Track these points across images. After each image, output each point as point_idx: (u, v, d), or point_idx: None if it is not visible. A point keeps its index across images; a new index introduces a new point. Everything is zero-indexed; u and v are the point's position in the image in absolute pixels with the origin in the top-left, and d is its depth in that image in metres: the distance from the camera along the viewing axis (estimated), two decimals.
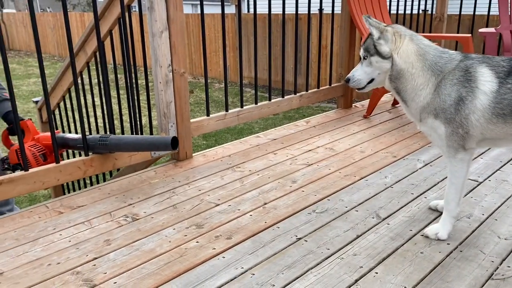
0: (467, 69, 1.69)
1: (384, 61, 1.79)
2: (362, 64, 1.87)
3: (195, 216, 2.15)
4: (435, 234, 1.89)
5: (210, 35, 10.14)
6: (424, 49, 1.76)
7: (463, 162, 1.79)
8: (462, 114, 1.68)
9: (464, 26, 5.25)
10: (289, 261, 1.77)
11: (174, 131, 2.76)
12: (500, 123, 1.66)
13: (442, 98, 1.71)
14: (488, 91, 1.65)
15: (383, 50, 1.78)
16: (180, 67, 2.70)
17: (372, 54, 1.81)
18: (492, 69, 1.67)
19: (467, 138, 1.72)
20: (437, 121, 1.75)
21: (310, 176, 2.57)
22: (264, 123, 6.89)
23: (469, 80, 1.67)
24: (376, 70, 1.83)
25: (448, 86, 1.70)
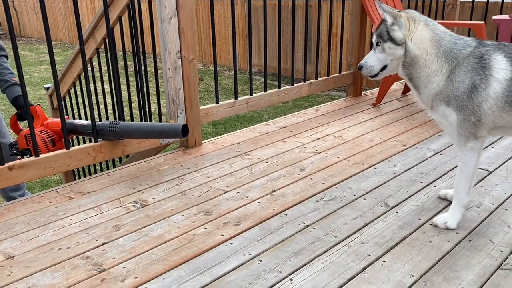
0: (482, 56, 1.67)
1: (397, 48, 1.76)
2: (375, 51, 1.84)
3: (203, 202, 2.16)
4: (444, 223, 1.88)
5: (220, 22, 10.08)
6: (439, 35, 1.73)
7: (474, 151, 1.77)
8: (475, 101, 1.66)
9: (477, 13, 5.15)
10: (297, 248, 1.78)
11: (183, 118, 2.76)
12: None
13: (455, 85, 1.69)
14: (502, 79, 1.62)
15: (397, 36, 1.75)
16: (189, 53, 2.69)
17: (386, 41, 1.78)
18: (507, 56, 1.64)
19: (479, 126, 1.70)
20: (449, 109, 1.72)
21: (319, 164, 2.57)
22: (274, 111, 6.87)
23: (484, 68, 1.65)
24: (389, 56, 1.80)
25: (462, 73, 1.67)
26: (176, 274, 1.65)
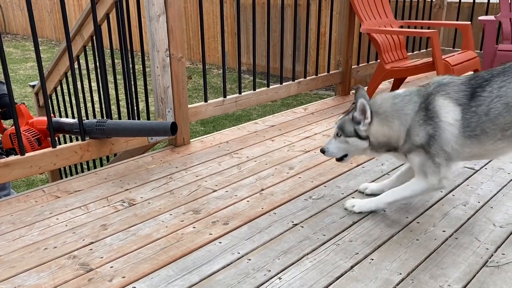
0: (427, 106, 1.75)
1: (361, 142, 1.87)
2: (336, 140, 1.94)
3: (192, 201, 2.15)
4: (352, 206, 2.01)
5: (209, 20, 10.04)
6: (381, 108, 1.83)
7: (429, 186, 1.83)
8: (436, 147, 1.74)
9: (463, 13, 5.21)
10: (285, 247, 1.78)
11: (172, 117, 2.74)
12: (475, 144, 1.72)
13: (413, 138, 1.78)
14: (452, 121, 1.70)
15: (363, 135, 1.86)
16: (178, 52, 2.67)
17: (349, 136, 1.88)
18: (450, 98, 1.72)
19: (444, 165, 1.78)
20: (412, 155, 1.82)
21: (307, 163, 2.57)
22: (262, 109, 6.87)
23: (432, 117, 1.73)
24: (352, 147, 1.91)
25: (416, 127, 1.76)
26: (165, 273, 1.64)
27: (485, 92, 1.69)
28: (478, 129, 1.69)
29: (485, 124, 1.68)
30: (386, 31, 3.68)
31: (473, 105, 1.69)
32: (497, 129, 1.68)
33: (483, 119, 1.68)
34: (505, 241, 1.79)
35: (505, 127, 1.68)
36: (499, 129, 1.68)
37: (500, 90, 1.67)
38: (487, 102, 1.68)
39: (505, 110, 1.65)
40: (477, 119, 1.68)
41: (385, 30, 3.68)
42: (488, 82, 1.70)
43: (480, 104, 1.68)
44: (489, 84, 1.70)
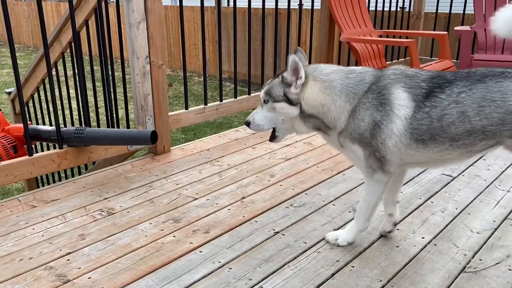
0: (381, 91, 1.56)
1: (291, 108, 1.63)
2: (263, 108, 1.70)
3: (172, 210, 2.13)
4: (335, 240, 1.83)
5: (190, 28, 10.03)
6: (328, 79, 1.61)
7: (380, 183, 1.68)
8: (378, 139, 1.56)
9: (440, 24, 5.33)
10: (267, 255, 1.77)
11: (152, 124, 2.72)
12: (421, 149, 1.54)
13: (356, 122, 1.58)
14: (403, 117, 1.52)
15: (293, 98, 1.62)
16: (158, 59, 2.65)
17: (278, 101, 1.64)
18: (408, 91, 1.54)
19: (384, 162, 1.60)
20: (354, 144, 1.63)
21: (288, 171, 2.58)
22: (244, 117, 6.87)
23: (383, 104, 1.54)
24: (280, 116, 1.67)
25: (362, 110, 1.57)
26: (144, 283, 1.61)
27: (443, 94, 1.50)
28: (427, 135, 1.51)
29: (435, 131, 1.50)
30: (366, 40, 3.74)
31: (427, 105, 1.50)
32: (447, 138, 1.50)
33: (434, 125, 1.50)
34: (482, 247, 1.82)
35: (455, 137, 1.49)
36: (448, 139, 1.50)
37: (459, 95, 1.48)
38: (443, 106, 1.49)
39: (459, 119, 1.47)
40: (428, 122, 1.50)
41: (365, 39, 3.74)
42: (449, 84, 1.51)
43: (435, 106, 1.50)
44: (449, 87, 1.51)
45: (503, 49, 3.87)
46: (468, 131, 1.48)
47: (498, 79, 1.46)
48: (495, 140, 1.49)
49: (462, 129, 1.48)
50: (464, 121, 1.47)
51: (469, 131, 1.48)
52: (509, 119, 1.43)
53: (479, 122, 1.46)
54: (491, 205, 2.15)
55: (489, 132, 1.47)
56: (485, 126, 1.46)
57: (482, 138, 1.49)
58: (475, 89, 1.47)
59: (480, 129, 1.47)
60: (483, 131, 1.47)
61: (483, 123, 1.45)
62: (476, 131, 1.47)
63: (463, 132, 1.48)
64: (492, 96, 1.44)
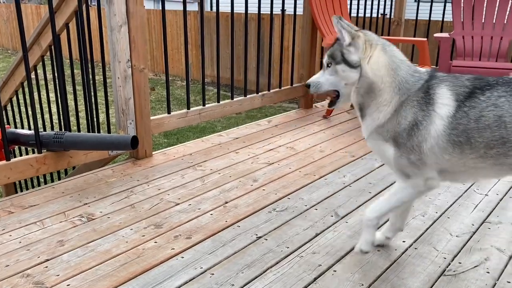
0: (428, 89, 1.54)
1: (352, 71, 1.58)
2: (325, 72, 1.66)
3: (153, 215, 2.10)
4: (359, 247, 1.75)
5: (172, 32, 9.99)
6: (397, 63, 1.58)
7: (414, 189, 1.61)
8: (415, 140, 1.53)
9: (420, 30, 5.43)
10: (249, 260, 1.76)
11: (133, 129, 2.69)
12: (457, 153, 1.50)
13: (398, 119, 1.55)
14: (445, 116, 1.49)
15: (352, 59, 1.58)
16: (140, 63, 2.63)
17: (339, 62, 1.60)
18: (452, 90, 1.52)
19: (420, 166, 1.56)
20: (387, 144, 1.59)
21: (271, 175, 2.58)
22: (227, 121, 6.86)
23: (427, 103, 1.52)
24: (342, 80, 1.62)
25: (408, 108, 1.54)
26: None
27: (483, 96, 1.48)
28: (464, 136, 1.47)
29: (471, 132, 1.47)
30: None
31: (467, 105, 1.48)
32: (482, 143, 1.47)
33: (471, 125, 1.47)
34: (461, 250, 1.85)
35: (490, 143, 1.46)
36: (483, 144, 1.47)
37: (499, 99, 1.46)
38: (482, 107, 1.47)
39: (495, 123, 1.45)
40: (466, 121, 1.47)
41: None
42: (490, 87, 1.50)
43: (474, 107, 1.48)
44: (490, 90, 1.49)
45: (480, 56, 3.96)
46: (503, 138, 1.45)
47: None
48: None
49: (498, 134, 1.45)
50: (500, 126, 1.45)
51: (504, 139, 1.45)
52: None
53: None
54: (470, 209, 2.19)
55: None
56: None
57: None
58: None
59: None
60: None
61: None
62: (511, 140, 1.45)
63: (498, 138, 1.46)
64: None
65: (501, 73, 3.40)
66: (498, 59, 3.91)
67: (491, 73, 3.46)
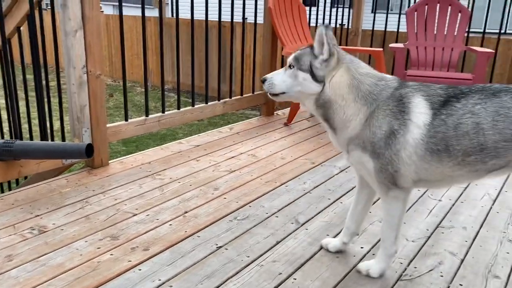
0: (402, 98, 1.54)
1: (313, 83, 1.58)
2: (285, 72, 1.65)
3: (110, 227, 2.04)
4: (366, 270, 1.74)
5: (132, 38, 9.81)
6: (359, 79, 1.59)
7: (397, 201, 1.61)
8: (393, 149, 1.52)
9: (376, 41, 5.60)
10: (209, 271, 1.74)
11: (89, 137, 2.60)
12: (435, 162, 1.51)
13: (372, 130, 1.55)
14: (421, 124, 1.50)
15: (319, 74, 1.58)
16: (96, 68, 2.56)
17: (304, 70, 1.59)
18: (427, 99, 1.53)
19: (398, 177, 1.56)
20: (365, 155, 1.58)
21: (233, 183, 2.56)
22: (188, 129, 6.79)
23: (402, 112, 1.52)
24: (298, 86, 1.62)
25: (380, 117, 1.54)
26: None
27: (459, 104, 1.50)
28: (442, 144, 1.48)
29: (450, 140, 1.48)
30: None
31: (444, 112, 1.49)
32: (460, 150, 1.48)
33: (450, 133, 1.48)
34: (416, 255, 1.90)
35: (468, 150, 1.47)
36: (462, 151, 1.48)
37: (475, 107, 1.48)
38: (459, 114, 1.48)
39: (473, 130, 1.46)
40: (444, 129, 1.48)
41: None
42: (465, 95, 1.52)
43: (451, 114, 1.49)
44: (465, 98, 1.51)
45: (433, 66, 4.12)
46: (481, 145, 1.47)
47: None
48: (505, 160, 1.48)
49: (476, 141, 1.47)
50: (479, 133, 1.46)
51: (482, 146, 1.47)
52: None
53: (492, 136, 1.45)
54: (424, 214, 2.26)
55: (501, 148, 1.46)
56: (498, 142, 1.45)
57: (493, 156, 1.48)
58: (490, 103, 1.48)
59: (493, 144, 1.46)
60: (496, 147, 1.46)
61: (496, 138, 1.45)
62: (489, 147, 1.46)
63: (476, 145, 1.47)
64: (506, 112, 1.45)
65: (452, 83, 3.56)
66: (450, 69, 4.09)
67: (443, 82, 3.62)
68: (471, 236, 2.06)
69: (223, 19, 3.61)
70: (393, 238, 1.68)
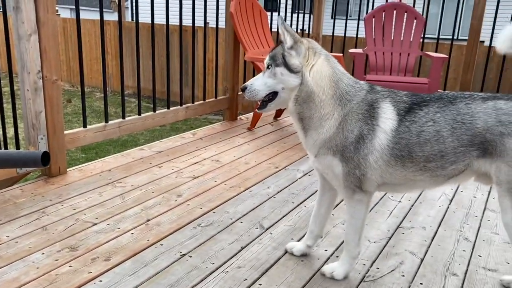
0: (372, 104, 1.58)
1: (291, 75, 1.57)
2: (264, 74, 1.64)
3: (68, 237, 1.96)
4: (330, 273, 1.76)
5: (91, 42, 9.57)
6: (339, 75, 1.61)
7: (362, 204, 1.65)
8: (361, 153, 1.56)
9: (336, 46, 5.71)
10: (173, 280, 1.70)
11: (45, 144, 2.50)
12: (399, 167, 1.56)
13: (345, 134, 1.57)
14: (388, 130, 1.55)
15: (293, 62, 1.57)
16: (52, 74, 2.47)
17: (279, 65, 1.58)
18: (394, 105, 1.58)
19: (364, 181, 1.60)
20: (335, 159, 1.60)
21: (196, 189, 2.53)
22: (150, 134, 6.67)
23: (372, 117, 1.56)
24: (280, 83, 1.60)
25: (354, 121, 1.57)
26: None
27: (421, 112, 1.56)
28: (406, 150, 1.54)
29: (413, 147, 1.53)
30: None
31: (408, 119, 1.55)
32: (422, 156, 1.54)
33: (413, 140, 1.53)
34: (379, 256, 1.94)
35: (429, 157, 1.54)
36: (423, 158, 1.54)
37: (435, 115, 1.54)
38: (422, 122, 1.54)
39: (435, 138, 1.52)
40: (408, 136, 1.53)
41: None
42: (426, 103, 1.57)
43: (415, 121, 1.55)
44: (426, 106, 1.57)
45: (391, 71, 4.25)
46: (442, 151, 1.53)
47: (467, 102, 1.55)
48: (464, 164, 1.55)
49: (437, 148, 1.53)
50: (439, 140, 1.52)
51: (442, 152, 1.53)
52: (476, 141, 1.51)
53: (451, 143, 1.52)
54: (386, 215, 2.31)
55: (460, 154, 1.53)
56: (456, 148, 1.52)
57: (453, 162, 1.54)
58: (448, 111, 1.54)
59: (452, 151, 1.52)
60: (455, 152, 1.53)
61: (455, 144, 1.52)
62: (448, 153, 1.53)
63: (437, 152, 1.53)
64: (462, 119, 1.52)
65: (409, 87, 3.68)
66: (407, 74, 4.22)
67: (400, 86, 3.73)
68: (430, 236, 2.13)
69: (184, 23, 3.58)
70: (357, 240, 1.72)
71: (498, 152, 1.49)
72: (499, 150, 1.48)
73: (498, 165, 1.50)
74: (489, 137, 1.49)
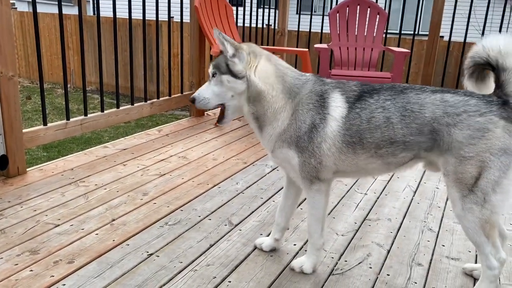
0: (322, 94, 1.64)
1: (237, 81, 1.64)
2: (210, 83, 1.70)
3: (28, 240, 1.88)
4: (299, 267, 1.77)
5: (51, 36, 9.23)
6: (283, 70, 1.68)
7: (321, 193, 1.69)
8: (315, 142, 1.61)
9: (302, 41, 5.75)
10: (140, 280, 1.66)
11: (2, 144, 2.39)
12: (350, 153, 1.61)
13: (298, 124, 1.63)
14: (339, 117, 1.60)
15: (237, 69, 1.63)
16: (8, 69, 2.35)
17: (224, 73, 1.65)
18: (343, 94, 1.64)
19: (320, 169, 1.64)
20: (291, 151, 1.65)
21: (163, 187, 2.49)
22: (115, 131, 6.51)
23: (323, 107, 1.62)
24: (228, 91, 1.66)
25: (305, 111, 1.62)
26: None
27: (372, 99, 1.61)
28: (357, 136, 1.59)
29: (364, 133, 1.59)
30: None
31: (358, 106, 1.60)
32: (373, 143, 1.59)
33: (364, 126, 1.58)
34: (346, 249, 1.96)
35: (380, 144, 1.59)
36: (374, 144, 1.59)
37: (385, 102, 1.60)
38: (372, 109, 1.59)
39: (384, 124, 1.57)
40: (358, 122, 1.59)
41: None
42: (377, 91, 1.63)
43: (365, 108, 1.60)
44: (377, 94, 1.62)
45: (355, 66, 4.31)
46: (391, 138, 1.58)
47: (417, 92, 1.60)
48: (413, 153, 1.60)
49: (387, 135, 1.58)
50: (389, 127, 1.57)
51: (392, 139, 1.58)
52: (425, 130, 1.55)
53: (400, 130, 1.57)
54: (352, 208, 2.35)
55: (409, 142, 1.57)
56: (406, 135, 1.57)
57: (403, 149, 1.59)
58: (398, 99, 1.60)
59: (401, 138, 1.57)
60: (404, 141, 1.58)
61: (404, 131, 1.57)
62: (398, 140, 1.58)
63: (387, 138, 1.58)
64: (411, 107, 1.57)
65: (373, 81, 3.73)
66: (370, 68, 4.30)
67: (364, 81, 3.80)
68: (396, 227, 2.17)
69: (147, 17, 3.50)
70: (320, 231, 1.75)
71: (445, 144, 1.53)
72: (446, 141, 1.53)
73: (445, 156, 1.55)
74: (437, 127, 1.54)
